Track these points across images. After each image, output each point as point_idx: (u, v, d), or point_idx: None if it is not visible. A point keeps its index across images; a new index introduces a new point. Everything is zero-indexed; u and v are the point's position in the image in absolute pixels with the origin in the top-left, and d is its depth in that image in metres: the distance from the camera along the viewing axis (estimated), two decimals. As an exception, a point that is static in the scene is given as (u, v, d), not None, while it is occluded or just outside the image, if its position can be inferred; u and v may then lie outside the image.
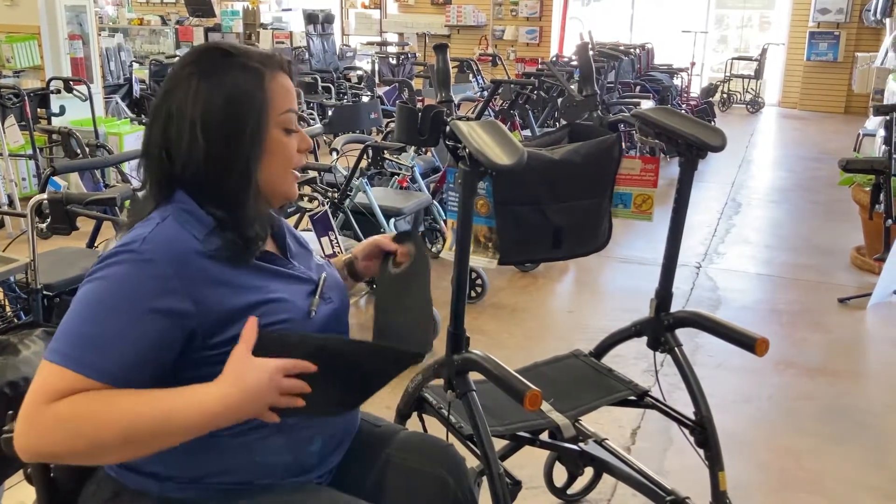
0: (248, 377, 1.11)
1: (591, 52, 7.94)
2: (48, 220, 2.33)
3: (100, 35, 7.45)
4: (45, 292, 2.56)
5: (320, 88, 8.93)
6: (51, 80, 5.73)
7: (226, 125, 1.21)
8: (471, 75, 8.89)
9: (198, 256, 1.18)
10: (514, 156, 1.58)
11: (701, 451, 1.92)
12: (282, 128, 1.27)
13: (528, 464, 2.47)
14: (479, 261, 1.75)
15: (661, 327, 1.93)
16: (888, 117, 4.56)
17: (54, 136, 4.98)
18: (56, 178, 3.08)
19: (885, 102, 6.92)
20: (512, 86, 5.51)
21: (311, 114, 8.25)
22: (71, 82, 5.66)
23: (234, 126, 1.21)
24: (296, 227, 3.98)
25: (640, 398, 2.00)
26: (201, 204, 1.23)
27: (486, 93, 5.95)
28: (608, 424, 2.92)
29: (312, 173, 3.57)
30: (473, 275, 4.16)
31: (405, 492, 1.41)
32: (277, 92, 1.26)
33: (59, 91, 5.66)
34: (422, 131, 1.73)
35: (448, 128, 1.67)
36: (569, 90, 4.57)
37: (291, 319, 1.25)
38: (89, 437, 1.07)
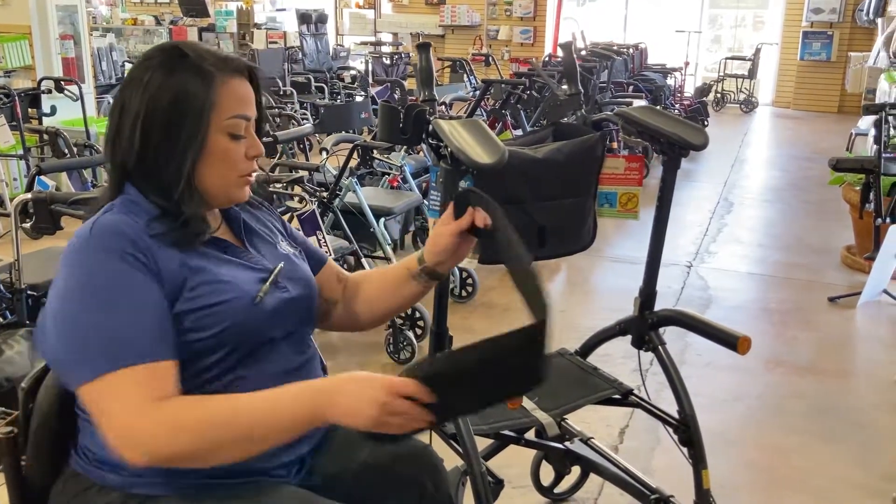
0: (353, 386, 1.13)
1: (581, 52, 7.97)
2: (33, 219, 2.32)
3: (91, 35, 7.44)
4: (30, 292, 2.55)
5: (313, 88, 8.93)
6: (42, 79, 5.72)
7: (165, 123, 1.24)
8: (464, 75, 8.89)
9: (145, 235, 1.22)
10: (495, 154, 1.58)
11: (685, 450, 1.92)
12: (226, 133, 1.27)
13: (515, 463, 2.47)
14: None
15: (645, 326, 1.93)
16: (878, 116, 4.58)
17: (45, 136, 4.97)
18: (44, 178, 3.08)
19: (876, 102, 6.93)
20: (503, 86, 5.51)
21: (304, 114, 8.25)
22: (62, 82, 5.65)
23: (173, 125, 1.24)
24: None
25: (624, 397, 2.00)
26: (146, 195, 1.26)
27: (478, 92, 5.95)
28: (596, 423, 2.92)
29: (303, 173, 3.57)
30: (464, 274, 4.16)
31: (381, 494, 1.40)
32: (226, 96, 1.26)
33: (50, 91, 5.65)
34: (404, 130, 1.73)
35: (430, 127, 1.67)
36: (553, 89, 4.57)
37: (234, 301, 1.25)
38: (210, 441, 1.13)
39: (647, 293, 1.93)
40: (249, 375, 1.27)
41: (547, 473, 2.46)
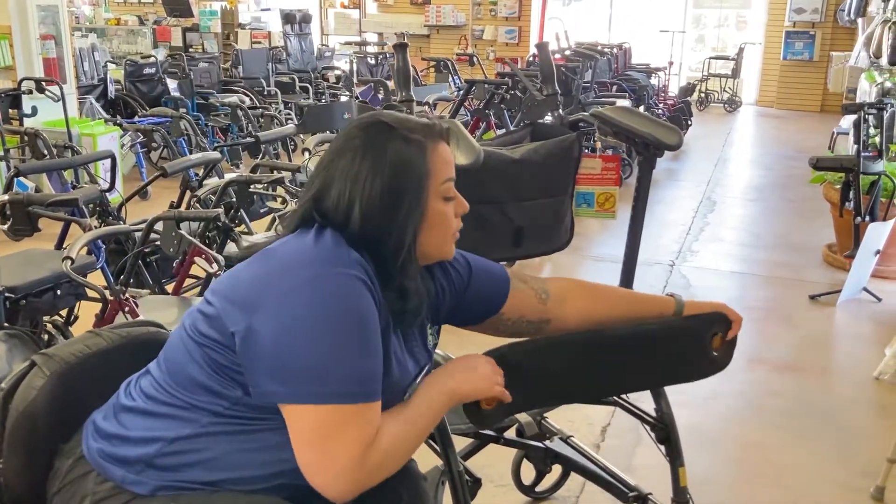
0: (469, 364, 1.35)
1: (566, 51, 7.99)
2: (10, 221, 2.31)
3: (73, 35, 7.40)
4: (7, 294, 2.54)
5: (298, 88, 8.91)
6: (22, 80, 5.67)
7: (389, 197, 1.26)
8: (448, 75, 8.90)
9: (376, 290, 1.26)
10: (470, 155, 1.59)
11: (662, 448, 1.93)
12: (442, 197, 1.31)
13: (497, 462, 2.48)
14: (437, 260, 1.76)
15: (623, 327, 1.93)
16: (857, 115, 4.62)
17: (25, 137, 4.94)
18: (23, 180, 3.06)
19: (856, 101, 6.99)
20: (486, 86, 5.52)
21: (289, 114, 8.24)
22: (43, 83, 5.61)
23: (397, 199, 1.26)
24: (268, 228, 3.97)
25: (600, 398, 2.01)
26: (367, 257, 1.27)
27: (461, 93, 5.96)
28: (578, 422, 2.93)
29: (285, 173, 3.56)
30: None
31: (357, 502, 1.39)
32: (437, 163, 1.30)
33: (30, 91, 5.61)
34: (381, 131, 1.73)
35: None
36: (530, 90, 4.58)
37: (394, 386, 1.30)
38: (405, 454, 1.26)
39: (625, 292, 1.93)
40: None
41: (528, 472, 2.47)
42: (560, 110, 3.16)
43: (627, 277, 1.94)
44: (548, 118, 3.72)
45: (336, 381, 1.17)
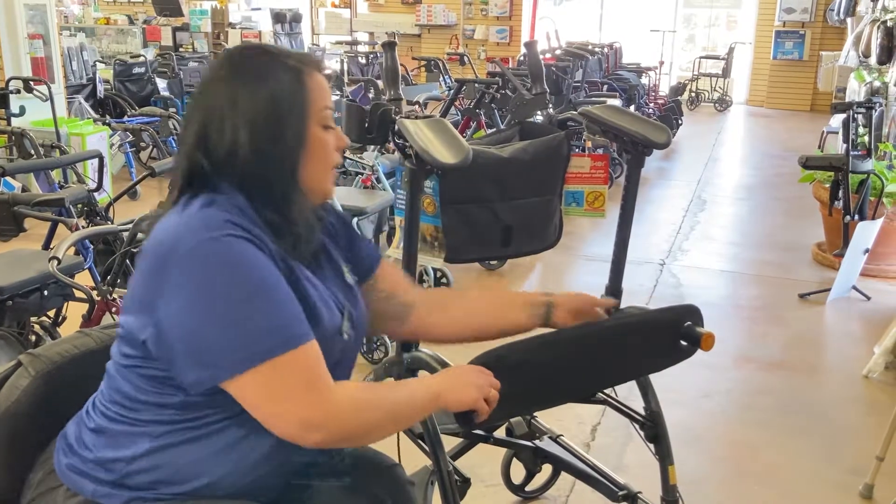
0: (457, 372, 1.33)
1: (556, 51, 7.99)
2: (-5, 221, 2.29)
3: (62, 34, 7.36)
4: (-6, 295, 2.52)
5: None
6: (10, 79, 5.64)
7: (271, 125, 1.22)
8: (439, 74, 8.89)
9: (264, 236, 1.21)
10: (459, 155, 1.58)
11: (652, 446, 1.93)
12: (321, 125, 1.28)
13: (487, 461, 2.47)
14: (426, 259, 1.75)
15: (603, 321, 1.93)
16: (846, 115, 4.63)
17: (13, 137, 4.91)
18: (10, 180, 3.03)
19: (846, 100, 7.02)
20: (476, 85, 5.52)
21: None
22: (31, 82, 5.57)
23: (280, 125, 1.23)
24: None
25: (591, 394, 2.01)
26: (251, 203, 1.22)
27: (452, 92, 5.95)
28: (568, 421, 2.93)
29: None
30: (438, 273, 4.16)
31: None
32: (316, 89, 1.27)
33: (18, 91, 5.58)
34: (370, 130, 1.73)
35: (396, 126, 1.67)
36: (519, 89, 4.58)
37: (327, 326, 1.26)
38: (374, 426, 1.22)
39: (613, 290, 1.94)
40: None
41: (518, 472, 2.47)
42: (549, 109, 3.16)
43: (616, 276, 1.94)
44: (537, 117, 3.72)
45: (254, 340, 1.14)
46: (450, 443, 1.96)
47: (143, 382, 1.21)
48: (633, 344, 1.64)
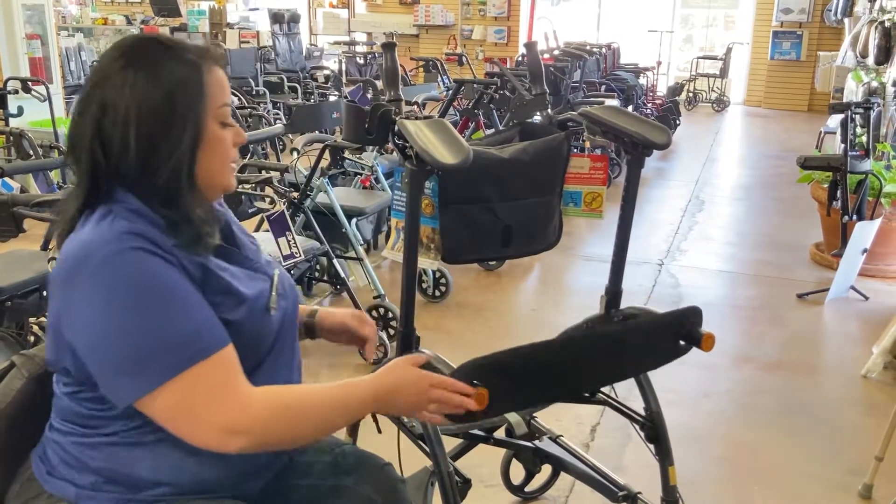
0: (398, 375, 1.29)
1: (554, 51, 7.99)
2: (-5, 222, 2.29)
3: (59, 35, 7.35)
4: (-6, 296, 2.52)
5: (286, 88, 8.89)
6: (8, 80, 5.64)
7: (165, 118, 1.18)
8: (437, 75, 8.89)
9: (165, 241, 1.18)
10: (459, 155, 1.58)
11: (652, 447, 1.93)
12: (219, 121, 1.25)
13: (487, 462, 2.47)
14: (422, 262, 1.75)
15: (610, 324, 1.94)
16: (844, 115, 4.64)
17: (11, 138, 4.90)
18: (8, 180, 3.03)
19: (843, 101, 7.03)
20: (475, 85, 5.52)
21: (277, 114, 8.21)
22: (29, 82, 5.57)
23: (173, 119, 1.19)
24: (256, 229, 3.96)
25: (591, 395, 2.01)
26: (148, 203, 1.20)
27: (450, 92, 5.95)
28: (568, 421, 2.93)
29: (273, 173, 3.55)
30: (437, 273, 4.16)
31: None
32: (214, 85, 1.24)
33: (16, 91, 5.57)
34: (370, 130, 1.73)
35: (396, 127, 1.67)
36: (519, 89, 4.58)
37: (252, 310, 1.25)
38: (298, 425, 1.20)
39: (613, 291, 1.93)
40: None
41: (518, 472, 2.47)
42: (549, 110, 3.17)
43: (616, 277, 1.94)
44: (536, 118, 3.73)
45: (162, 356, 1.13)
46: (449, 443, 1.95)
47: (86, 404, 1.22)
48: (633, 347, 1.65)
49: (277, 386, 1.26)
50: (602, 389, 2.04)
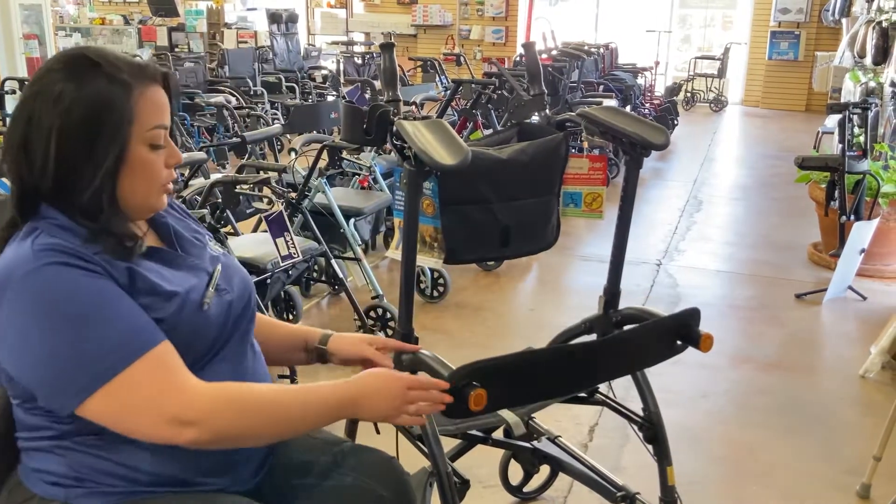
0: (376, 380, 1.28)
1: (552, 51, 8.00)
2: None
3: (57, 35, 7.34)
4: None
5: (284, 88, 8.88)
6: (5, 80, 5.63)
7: (83, 137, 1.17)
8: (436, 75, 8.89)
9: (88, 252, 1.18)
10: (458, 156, 1.58)
11: (650, 447, 1.93)
12: (147, 144, 1.23)
13: (485, 462, 2.47)
14: (426, 261, 1.75)
15: (609, 324, 1.94)
16: (842, 115, 4.64)
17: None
18: (6, 181, 3.02)
19: (841, 101, 7.04)
20: (473, 86, 5.52)
21: (275, 114, 8.21)
22: (26, 83, 5.56)
23: (92, 139, 1.17)
24: (255, 229, 3.96)
25: (589, 395, 2.01)
26: (70, 216, 1.19)
27: (448, 92, 5.95)
28: (566, 421, 2.93)
29: (271, 174, 3.55)
30: (436, 274, 4.16)
31: None
32: (145, 107, 1.22)
33: (14, 92, 5.57)
34: (368, 131, 1.72)
35: (394, 127, 1.67)
36: (517, 90, 4.58)
37: (183, 310, 1.24)
38: (250, 419, 1.19)
39: (612, 291, 1.93)
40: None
41: (516, 473, 2.47)
42: (547, 110, 3.17)
43: (615, 277, 1.94)
44: (534, 118, 3.72)
45: (92, 363, 1.13)
46: (448, 444, 1.95)
47: (36, 414, 1.22)
48: (631, 349, 1.66)
49: (227, 382, 1.23)
50: (600, 390, 2.05)
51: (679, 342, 1.72)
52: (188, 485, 1.26)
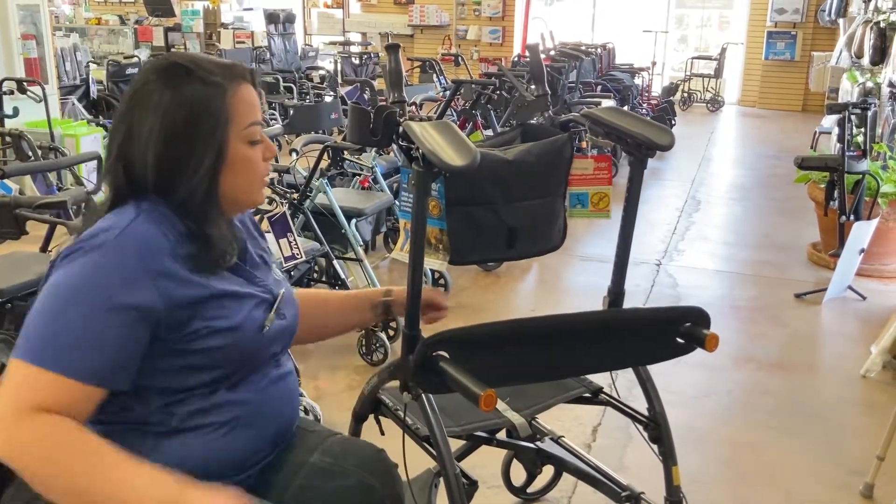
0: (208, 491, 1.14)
1: (550, 52, 8.00)
2: (-4, 224, 2.28)
3: (54, 35, 7.32)
4: (-6, 298, 2.50)
5: (282, 88, 8.87)
6: (3, 80, 5.61)
7: (184, 141, 1.23)
8: (434, 75, 8.89)
9: (167, 256, 1.21)
10: (467, 157, 1.57)
11: (655, 447, 1.93)
12: (245, 141, 1.29)
13: (489, 463, 2.47)
14: (430, 262, 1.75)
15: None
16: (841, 115, 4.65)
17: (7, 139, 4.87)
18: (7, 182, 3.01)
19: (838, 101, 7.05)
20: (473, 86, 5.52)
21: (273, 114, 8.19)
22: (24, 83, 5.54)
23: (192, 143, 1.23)
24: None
25: (594, 395, 2.01)
26: (173, 211, 1.25)
27: (448, 93, 5.95)
28: (569, 422, 2.94)
29: (273, 174, 3.54)
30: (436, 274, 4.16)
31: (329, 497, 1.40)
32: (239, 106, 1.28)
33: (12, 92, 5.55)
34: (374, 132, 1.72)
35: (401, 128, 1.67)
36: (520, 90, 4.58)
37: (244, 327, 1.28)
38: (56, 471, 1.10)
39: (616, 292, 1.93)
40: (234, 395, 1.30)
41: (520, 473, 2.47)
42: (550, 111, 3.17)
43: (619, 278, 1.94)
44: (537, 118, 3.73)
45: (34, 337, 1.15)
46: (452, 445, 1.95)
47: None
48: (619, 333, 1.68)
49: (78, 429, 1.14)
50: (604, 390, 2.05)
51: (681, 341, 1.72)
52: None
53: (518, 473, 2.48)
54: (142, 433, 1.25)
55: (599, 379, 2.11)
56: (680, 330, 1.71)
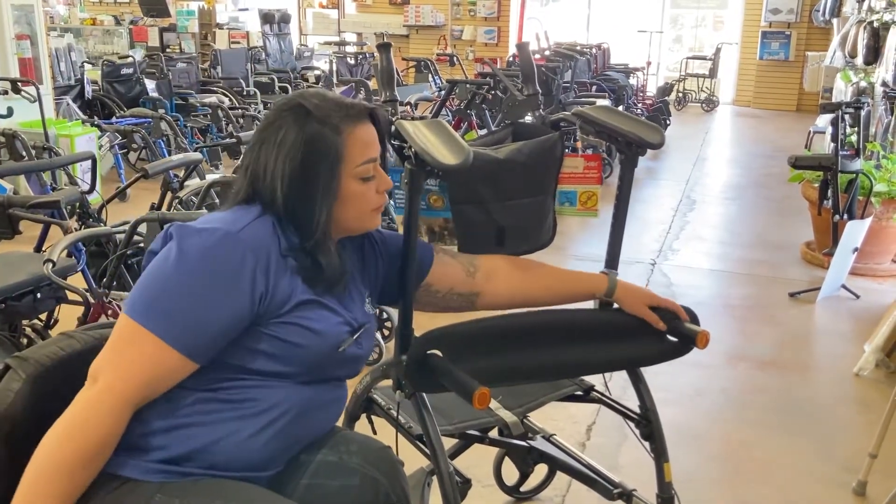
0: None
1: (545, 52, 8.01)
2: (-11, 224, 2.27)
3: (49, 35, 7.31)
4: (-13, 298, 2.50)
5: (277, 89, 8.87)
6: (-2, 81, 5.60)
7: (301, 177, 1.33)
8: (429, 75, 8.89)
9: (279, 255, 1.32)
10: (460, 155, 1.58)
11: (647, 444, 1.94)
12: (357, 178, 1.38)
13: (483, 462, 2.48)
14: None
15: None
16: (835, 115, 4.67)
17: (2, 138, 4.87)
18: (1, 182, 3.01)
19: (832, 100, 7.07)
20: (468, 86, 5.53)
21: (268, 114, 8.17)
22: (19, 83, 5.53)
23: (307, 179, 1.34)
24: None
25: (586, 393, 2.02)
26: (283, 229, 1.35)
27: (443, 93, 5.96)
28: (563, 420, 2.94)
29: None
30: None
31: (337, 492, 1.43)
32: (353, 146, 1.36)
33: (6, 92, 5.54)
34: (367, 131, 1.73)
35: (393, 127, 1.67)
36: (511, 90, 4.59)
37: (320, 343, 1.35)
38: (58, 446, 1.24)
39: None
40: (284, 397, 1.36)
41: (513, 473, 2.48)
42: (541, 110, 3.17)
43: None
44: (528, 118, 3.73)
45: (153, 304, 1.26)
46: (445, 444, 1.96)
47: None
48: (601, 331, 1.74)
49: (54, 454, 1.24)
50: (595, 388, 2.06)
51: (673, 339, 1.73)
52: (228, 470, 1.33)
53: (511, 472, 2.48)
54: (189, 392, 1.31)
55: (593, 377, 2.12)
56: (670, 327, 1.73)
